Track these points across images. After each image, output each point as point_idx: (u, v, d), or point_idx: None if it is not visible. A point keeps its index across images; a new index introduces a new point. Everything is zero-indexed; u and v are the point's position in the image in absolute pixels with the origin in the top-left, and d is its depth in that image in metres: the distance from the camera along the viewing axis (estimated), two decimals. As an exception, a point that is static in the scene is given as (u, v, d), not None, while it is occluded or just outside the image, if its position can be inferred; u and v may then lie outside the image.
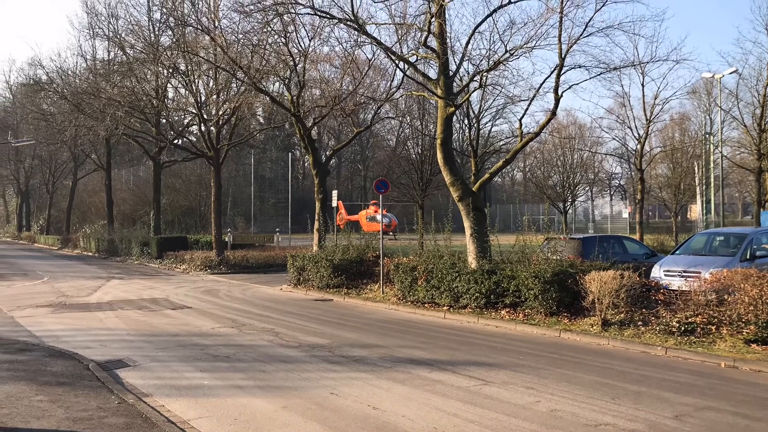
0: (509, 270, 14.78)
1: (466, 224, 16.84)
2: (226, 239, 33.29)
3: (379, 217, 31.15)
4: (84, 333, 13.66)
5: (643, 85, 27.42)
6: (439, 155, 17.71)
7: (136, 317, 15.91)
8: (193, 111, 32.01)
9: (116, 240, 40.84)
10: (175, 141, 37.14)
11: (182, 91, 35.49)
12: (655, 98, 27.80)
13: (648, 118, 28.12)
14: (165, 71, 33.44)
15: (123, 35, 37.02)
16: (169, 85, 35.70)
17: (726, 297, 11.64)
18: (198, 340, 12.67)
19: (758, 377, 9.58)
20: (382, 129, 66.86)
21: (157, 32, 36.02)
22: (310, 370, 10.03)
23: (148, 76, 34.21)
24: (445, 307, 15.98)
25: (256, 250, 32.54)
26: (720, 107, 32.80)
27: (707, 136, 40.10)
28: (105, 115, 31.01)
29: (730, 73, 30.78)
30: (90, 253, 44.41)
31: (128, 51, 36.37)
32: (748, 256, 15.10)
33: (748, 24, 68.52)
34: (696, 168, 40.01)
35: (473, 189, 17.69)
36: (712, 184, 39.96)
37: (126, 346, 12.08)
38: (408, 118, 36.82)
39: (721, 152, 34.39)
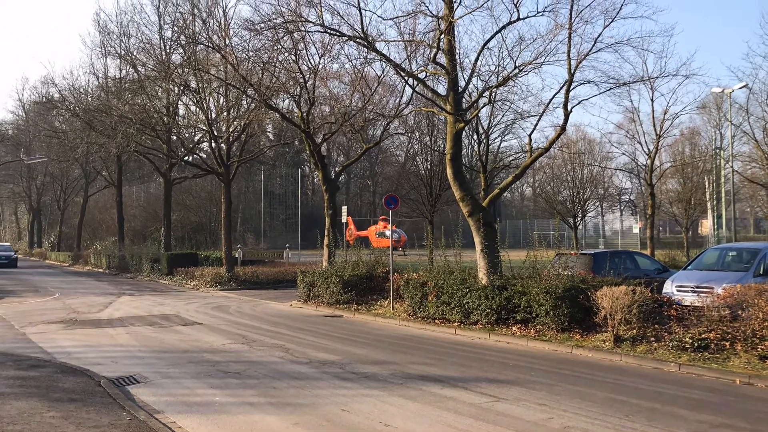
0: (520, 286, 14.72)
1: (477, 240, 16.80)
2: (236, 255, 33.36)
3: (388, 232, 31.15)
4: (95, 349, 13.69)
5: (652, 100, 27.35)
6: (448, 171, 17.72)
7: (147, 333, 15.94)
8: (204, 128, 32.22)
9: (127, 256, 40.99)
10: (186, 158, 37.36)
11: (193, 108, 35.76)
12: (665, 113, 27.75)
13: (658, 133, 28.06)
14: (176, 89, 33.77)
15: (135, 53, 37.42)
16: (180, 102, 36.05)
17: (740, 313, 11.55)
18: (209, 357, 12.67)
19: (774, 394, 9.48)
20: (392, 145, 67.02)
21: (168, 50, 36.42)
22: (321, 386, 10.00)
23: (160, 94, 34.54)
24: (456, 323, 15.92)
25: (266, 266, 32.59)
26: (730, 122, 32.69)
27: (718, 150, 39.92)
28: (116, 132, 31.25)
29: (740, 88, 30.67)
30: (101, 270, 44.58)
31: (140, 69, 36.70)
32: (761, 272, 14.95)
33: (758, 39, 68.21)
34: (707, 183, 39.79)
35: (483, 204, 17.67)
36: (723, 199, 39.73)
37: (137, 363, 12.09)
38: (417, 133, 36.88)
39: (731, 167, 34.23)
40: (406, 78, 19.28)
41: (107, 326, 17.23)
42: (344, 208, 31.44)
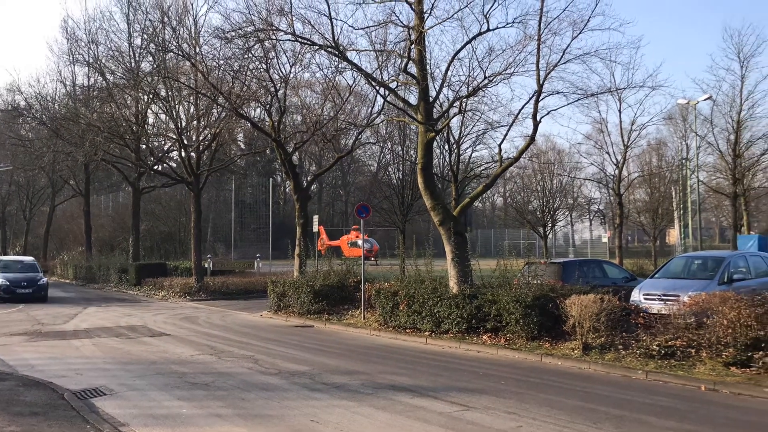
0: (490, 294, 14.77)
1: (447, 249, 16.84)
2: (206, 265, 33.01)
3: (360, 242, 31.10)
4: (59, 361, 13.39)
5: (620, 111, 27.86)
6: (420, 180, 17.76)
7: (114, 345, 15.66)
8: (174, 137, 31.91)
9: (94, 267, 40.30)
10: (155, 167, 36.86)
11: (162, 116, 35.41)
12: (632, 124, 28.30)
13: (625, 143, 28.56)
14: (145, 97, 33.38)
15: (103, 61, 36.84)
16: (149, 110, 35.59)
17: (705, 320, 11.71)
18: (176, 368, 12.48)
19: (738, 400, 9.62)
20: (363, 154, 67.09)
21: (137, 58, 35.94)
22: (291, 397, 9.91)
23: (128, 102, 34.06)
24: (427, 333, 15.91)
25: (236, 276, 32.29)
26: (696, 133, 33.40)
27: (684, 161, 40.67)
28: (84, 140, 30.77)
29: (705, 100, 31.36)
30: (67, 280, 43.77)
31: (108, 77, 36.19)
32: (725, 279, 15.22)
33: (721, 52, 69.10)
34: (673, 193, 40.50)
35: (454, 213, 17.74)
36: (690, 209, 40.48)
37: (102, 375, 11.86)
38: (389, 143, 36.88)
39: (697, 177, 34.96)
40: (377, 87, 19.32)
41: (72, 338, 16.89)
42: (316, 218, 31.40)
